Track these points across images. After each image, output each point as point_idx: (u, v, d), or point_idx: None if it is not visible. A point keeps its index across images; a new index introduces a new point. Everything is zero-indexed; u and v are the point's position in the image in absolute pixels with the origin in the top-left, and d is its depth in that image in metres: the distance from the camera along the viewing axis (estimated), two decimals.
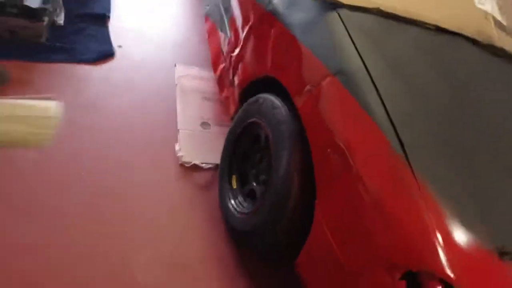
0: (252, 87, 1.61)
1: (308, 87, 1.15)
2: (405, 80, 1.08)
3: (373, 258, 0.91)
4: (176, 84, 2.19)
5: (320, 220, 1.06)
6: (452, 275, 0.81)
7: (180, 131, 1.92)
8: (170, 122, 1.96)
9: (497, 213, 0.94)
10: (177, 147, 1.82)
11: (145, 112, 1.98)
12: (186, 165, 1.78)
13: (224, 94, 1.96)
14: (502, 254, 0.87)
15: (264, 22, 1.46)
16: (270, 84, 1.43)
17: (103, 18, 2.23)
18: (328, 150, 1.03)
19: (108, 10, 2.29)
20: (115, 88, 2.01)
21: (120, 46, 2.18)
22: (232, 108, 1.79)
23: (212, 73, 2.16)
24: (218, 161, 1.74)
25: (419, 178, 0.89)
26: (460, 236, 0.85)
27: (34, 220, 1.36)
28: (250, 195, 1.50)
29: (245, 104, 1.58)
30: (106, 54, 2.06)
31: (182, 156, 1.79)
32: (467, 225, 0.87)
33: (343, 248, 0.99)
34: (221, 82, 2.01)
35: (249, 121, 1.51)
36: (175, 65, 2.30)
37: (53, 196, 1.46)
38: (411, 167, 0.90)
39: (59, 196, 1.47)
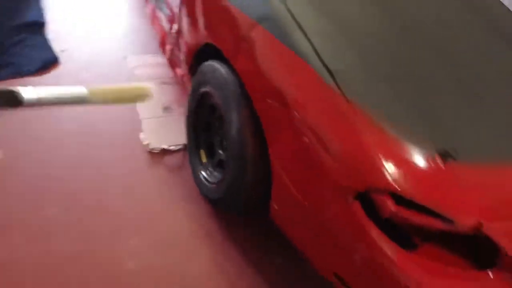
0: (199, 59, 1.60)
1: (238, 42, 1.14)
2: (329, 13, 1.07)
3: (326, 189, 0.94)
4: (130, 76, 2.16)
5: (277, 168, 1.08)
6: (397, 187, 0.84)
7: (142, 120, 1.92)
8: (132, 114, 1.96)
9: (434, 119, 0.96)
10: (142, 136, 1.82)
11: (105, 110, 1.96)
12: (155, 151, 1.79)
13: (178, 74, 1.94)
14: (444, 156, 0.90)
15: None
16: (213, 51, 1.42)
17: (39, 26, 2.14)
18: (267, 97, 1.04)
19: (42, 17, 2.19)
20: None
21: (63, 51, 2.11)
22: (188, 85, 1.78)
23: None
24: (185, 140, 1.76)
25: (352, 102, 0.91)
26: (400, 148, 0.88)
27: (12, 233, 1.37)
28: (219, 165, 1.52)
29: (193, 77, 1.57)
30: (49, 61, 1.98)
31: (148, 144, 1.79)
32: (406, 136, 0.90)
33: (300, 187, 1.02)
34: (172, 62, 1.99)
35: (200, 92, 1.51)
36: (125, 58, 2.26)
37: (30, 203, 1.47)
38: (343, 93, 0.92)
39: (36, 203, 1.48)
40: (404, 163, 0.87)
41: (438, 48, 1.15)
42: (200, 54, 1.58)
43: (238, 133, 1.20)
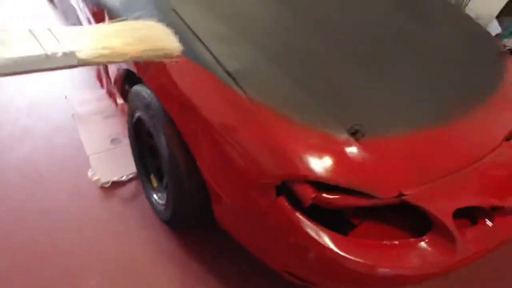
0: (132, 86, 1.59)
1: (146, 62, 1.14)
2: (223, 17, 1.09)
3: (250, 190, 0.94)
4: (73, 114, 2.13)
5: (208, 178, 1.08)
6: (309, 173, 0.85)
7: (90, 157, 1.88)
8: (79, 153, 1.92)
9: (339, 100, 0.98)
10: (89, 173, 1.78)
11: (50, 153, 1.93)
12: (106, 185, 1.76)
13: (118, 104, 1.93)
14: (354, 134, 0.92)
15: (97, 18, 1.43)
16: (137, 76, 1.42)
17: None
18: (180, 110, 1.04)
19: None
20: (9, 142, 1.94)
21: None
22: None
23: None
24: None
25: (255, 100, 0.92)
26: (309, 135, 0.89)
27: None
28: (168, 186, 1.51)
29: (127, 105, 1.56)
30: None
31: (98, 179, 1.76)
32: (313, 122, 0.91)
33: (229, 194, 1.02)
34: (111, 93, 1.98)
35: (135, 118, 1.50)
36: (65, 97, 2.23)
37: None
38: (245, 92, 0.93)
39: None
40: (314, 149, 0.88)
41: (333, 29, 1.17)
42: (130, 81, 1.57)
43: (168, 151, 1.19)
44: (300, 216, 0.90)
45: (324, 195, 0.87)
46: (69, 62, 0.74)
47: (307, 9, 1.23)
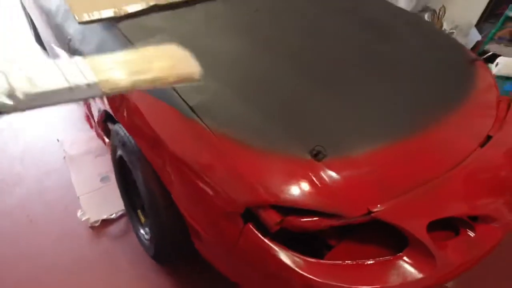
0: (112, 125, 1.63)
1: (119, 103, 1.18)
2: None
3: (219, 220, 0.94)
4: (64, 157, 2.17)
5: (182, 211, 1.08)
6: (272, 198, 0.85)
7: (80, 197, 1.90)
8: (69, 194, 1.94)
9: (299, 124, 0.99)
10: (79, 214, 1.79)
11: (41, 197, 1.95)
12: (95, 224, 1.76)
13: (107, 143, 1.97)
14: (316, 156, 0.92)
15: None
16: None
17: None
18: (150, 146, 1.06)
19: None
20: (1, 190, 1.96)
21: None
22: None
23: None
24: None
25: (216, 131, 0.93)
26: (270, 160, 0.90)
27: None
28: None
29: (109, 143, 1.59)
30: None
31: (88, 219, 1.77)
32: (274, 148, 0.92)
33: (200, 224, 1.01)
34: (99, 133, 2.02)
35: (117, 156, 1.52)
36: (57, 140, 2.28)
37: None
38: (206, 125, 0.95)
39: None
40: (276, 173, 0.88)
41: (290, 52, 1.20)
42: (112, 121, 1.61)
43: (146, 187, 1.20)
44: (269, 242, 0.89)
45: (290, 219, 0.86)
46: (93, 93, 0.75)
47: (263, 36, 1.27)
